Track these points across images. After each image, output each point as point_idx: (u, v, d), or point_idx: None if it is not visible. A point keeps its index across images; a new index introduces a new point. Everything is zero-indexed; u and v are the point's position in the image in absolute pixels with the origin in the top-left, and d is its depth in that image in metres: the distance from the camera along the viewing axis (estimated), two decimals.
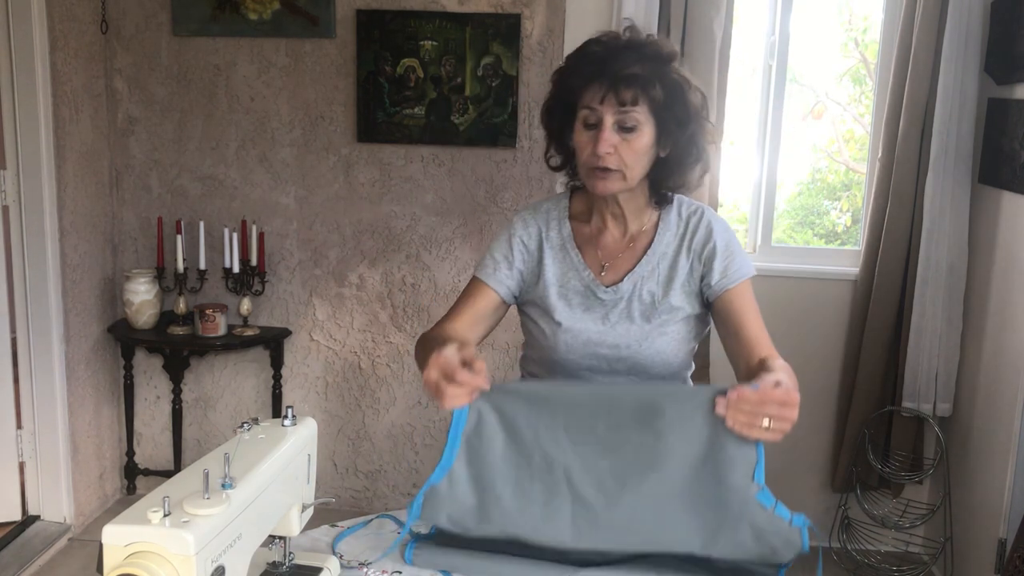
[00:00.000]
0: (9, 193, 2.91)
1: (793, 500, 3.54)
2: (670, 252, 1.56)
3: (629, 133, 1.45)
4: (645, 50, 1.46)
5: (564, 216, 1.62)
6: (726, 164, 3.05)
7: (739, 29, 3.02)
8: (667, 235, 1.57)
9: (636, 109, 1.44)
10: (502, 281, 1.60)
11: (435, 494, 1.32)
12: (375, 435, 3.37)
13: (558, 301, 1.57)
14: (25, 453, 3.08)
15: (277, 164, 3.22)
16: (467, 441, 1.32)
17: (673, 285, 1.55)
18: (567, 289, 1.57)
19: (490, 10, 3.03)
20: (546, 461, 1.30)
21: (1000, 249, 2.73)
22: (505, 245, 1.61)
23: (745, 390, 1.21)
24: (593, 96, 1.44)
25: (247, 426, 1.27)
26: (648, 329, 1.53)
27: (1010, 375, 2.59)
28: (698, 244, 1.56)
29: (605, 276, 1.57)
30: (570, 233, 1.60)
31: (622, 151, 1.45)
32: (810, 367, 3.15)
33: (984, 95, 2.83)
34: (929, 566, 3.03)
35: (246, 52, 3.15)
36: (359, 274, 3.27)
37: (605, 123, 1.44)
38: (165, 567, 0.97)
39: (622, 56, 1.44)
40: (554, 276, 1.58)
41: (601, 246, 1.59)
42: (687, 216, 1.59)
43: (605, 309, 1.55)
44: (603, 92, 1.43)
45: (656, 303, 1.54)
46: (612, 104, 1.43)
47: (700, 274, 1.56)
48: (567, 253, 1.59)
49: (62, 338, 3.02)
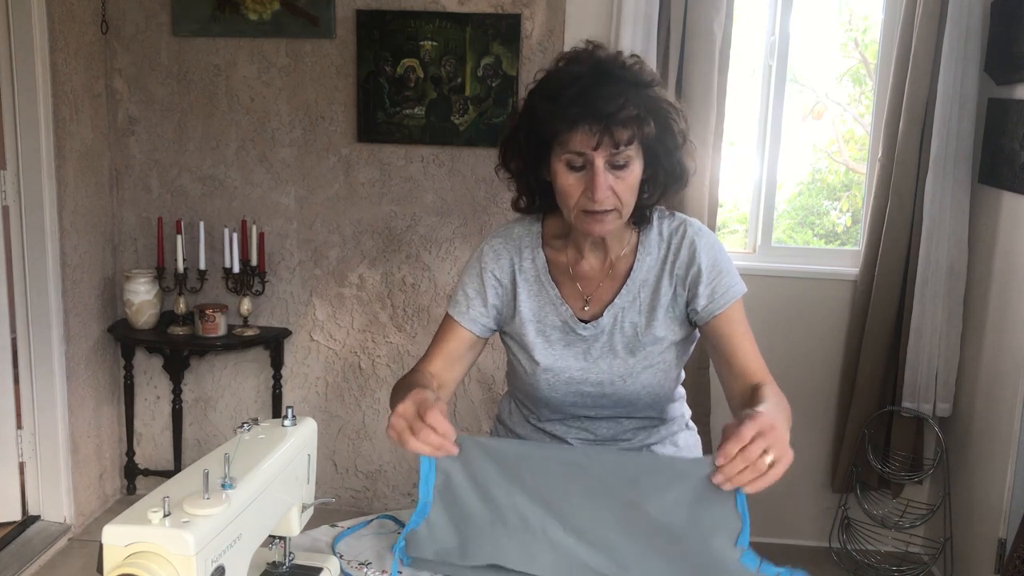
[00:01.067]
0: (9, 193, 2.91)
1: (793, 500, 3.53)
2: (651, 279, 1.46)
3: (621, 170, 1.32)
4: (629, 79, 1.32)
5: (538, 244, 1.50)
6: (726, 164, 3.05)
7: (739, 29, 3.02)
8: (647, 260, 1.46)
9: (630, 147, 1.31)
10: (476, 320, 1.50)
11: (416, 537, 1.32)
12: (375, 435, 3.37)
13: (536, 338, 1.48)
14: (25, 453, 3.08)
15: (277, 164, 3.22)
16: (439, 494, 1.31)
17: (656, 314, 1.45)
18: (545, 325, 1.48)
19: (490, 10, 3.03)
20: (522, 520, 1.27)
21: (1000, 249, 2.73)
22: (477, 280, 1.50)
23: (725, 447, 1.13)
24: (584, 141, 1.29)
25: (247, 426, 1.27)
26: (632, 363, 1.46)
27: (1010, 375, 2.59)
28: (681, 268, 1.44)
29: (587, 310, 1.47)
30: (544, 264, 1.49)
31: (617, 190, 1.33)
32: (810, 367, 3.15)
33: (984, 95, 2.83)
34: (929, 566, 3.03)
35: (246, 52, 3.15)
36: (359, 274, 3.27)
37: (598, 167, 1.30)
38: (165, 567, 0.97)
39: (608, 91, 1.29)
40: (530, 312, 1.49)
41: (579, 275, 1.48)
42: (668, 236, 1.47)
43: (586, 345, 1.47)
44: (597, 137, 1.28)
45: (639, 335, 1.45)
46: (607, 148, 1.30)
47: (685, 300, 1.45)
48: (543, 287, 1.48)
49: (62, 338, 3.02)
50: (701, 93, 2.88)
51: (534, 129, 1.35)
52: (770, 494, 1.26)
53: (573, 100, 1.29)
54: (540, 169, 1.39)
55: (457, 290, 1.53)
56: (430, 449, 1.25)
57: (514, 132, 1.41)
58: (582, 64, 1.34)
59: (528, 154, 1.39)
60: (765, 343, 3.38)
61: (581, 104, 1.29)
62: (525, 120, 1.38)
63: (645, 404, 1.51)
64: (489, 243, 1.52)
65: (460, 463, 1.29)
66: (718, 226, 3.04)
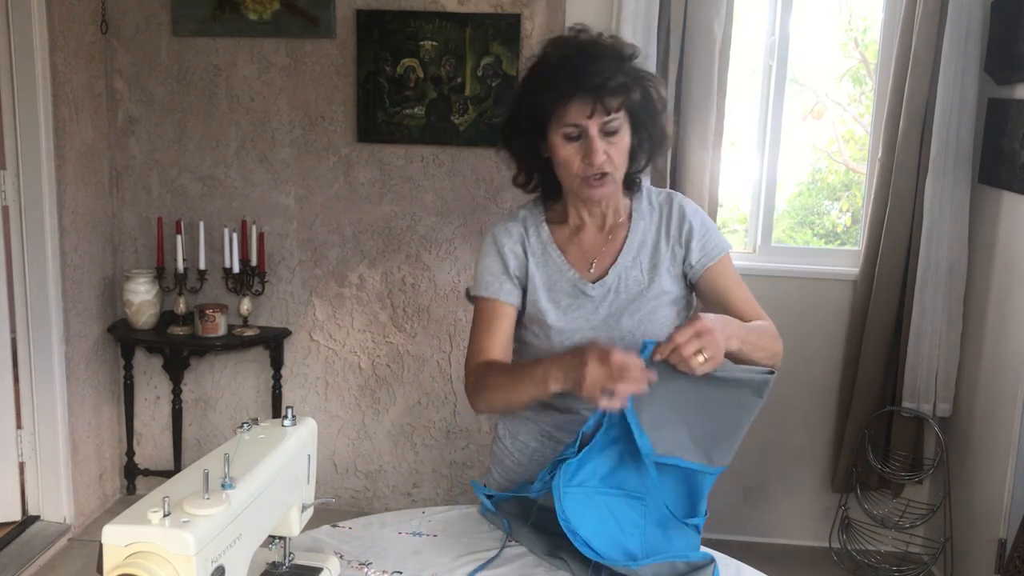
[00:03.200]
0: (9, 193, 2.91)
1: (793, 500, 3.54)
2: (649, 240, 1.59)
3: (613, 136, 1.47)
4: (612, 54, 1.47)
5: (541, 220, 1.62)
6: (726, 164, 3.05)
7: (739, 29, 3.02)
8: (641, 223, 1.60)
9: (619, 114, 1.46)
10: (511, 293, 1.59)
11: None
12: (375, 435, 3.37)
13: (548, 304, 1.57)
14: (25, 453, 3.08)
15: (277, 164, 3.22)
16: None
17: (659, 271, 1.57)
18: (555, 291, 1.58)
19: (490, 10, 3.03)
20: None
21: (1000, 249, 2.73)
22: (497, 260, 1.60)
23: (661, 346, 1.33)
24: (579, 112, 1.44)
25: (247, 426, 1.27)
26: (639, 318, 1.55)
27: (1010, 375, 2.59)
28: (675, 228, 1.59)
29: (592, 272, 1.58)
30: (549, 236, 1.61)
31: (611, 153, 1.47)
32: (810, 367, 3.15)
33: (984, 95, 2.83)
34: (929, 566, 3.03)
35: (246, 52, 3.15)
36: (359, 274, 3.27)
37: (592, 134, 1.45)
38: (165, 567, 0.97)
39: (597, 65, 1.43)
40: (541, 281, 1.59)
41: (581, 243, 1.60)
42: (659, 204, 1.62)
43: (595, 304, 1.56)
44: (590, 107, 1.43)
45: (643, 291, 1.56)
46: (600, 116, 1.44)
47: (682, 257, 1.58)
48: (549, 256, 1.59)
49: (62, 338, 3.02)
50: (701, 93, 2.88)
51: (532, 110, 1.48)
52: (770, 494, 1.26)
53: (565, 79, 1.44)
54: (538, 147, 1.52)
55: (482, 276, 1.61)
56: (638, 385, 1.30)
57: (513, 114, 1.54)
58: (569, 46, 1.48)
59: (527, 133, 1.52)
60: None
61: (573, 81, 1.43)
62: (523, 102, 1.51)
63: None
64: (499, 226, 1.63)
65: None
66: (718, 226, 3.03)
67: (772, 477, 3.18)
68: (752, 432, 1.40)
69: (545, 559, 1.41)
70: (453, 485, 3.36)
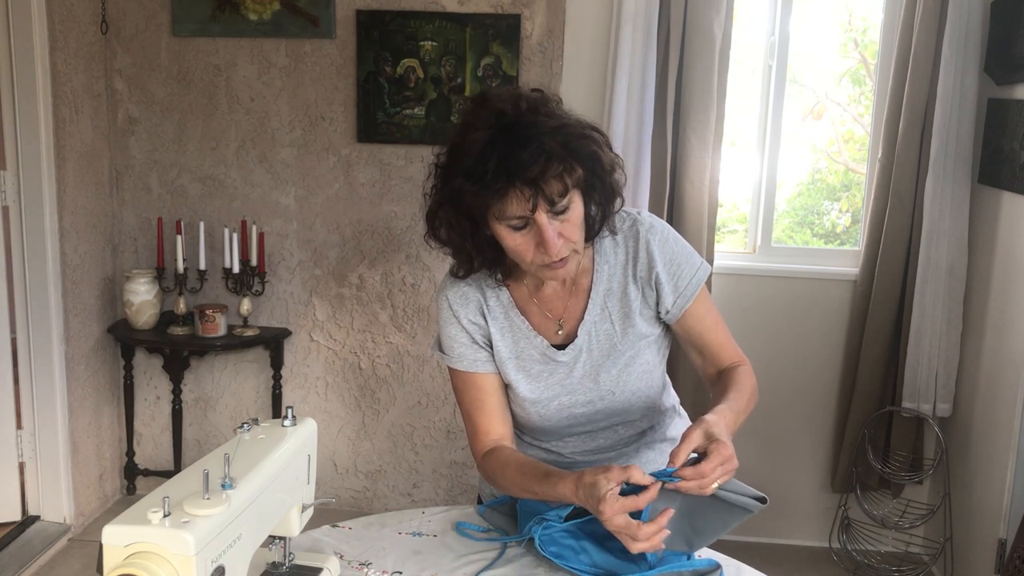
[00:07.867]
0: (9, 193, 2.91)
1: (793, 500, 3.53)
2: (615, 286, 1.45)
3: (564, 214, 1.29)
4: (540, 129, 1.26)
5: (499, 282, 1.46)
6: (726, 164, 3.05)
7: (739, 29, 3.03)
8: (606, 268, 1.45)
9: (565, 196, 1.28)
10: (489, 361, 1.48)
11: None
12: (375, 435, 3.37)
13: (518, 375, 1.47)
14: (25, 453, 3.08)
15: (277, 164, 3.22)
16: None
17: (632, 318, 1.45)
18: (524, 359, 1.47)
19: (490, 10, 3.03)
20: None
21: (1000, 249, 2.73)
22: (461, 331, 1.47)
23: (685, 474, 1.22)
24: (520, 207, 1.26)
25: (247, 426, 1.27)
26: (616, 372, 1.45)
27: (1010, 375, 2.59)
28: (643, 270, 1.44)
29: (560, 334, 1.47)
30: (509, 299, 1.47)
31: (565, 233, 1.30)
32: (810, 367, 3.15)
33: (984, 95, 2.83)
34: (929, 566, 3.03)
35: (246, 52, 3.15)
36: (359, 274, 3.27)
37: (542, 223, 1.27)
38: (165, 567, 0.97)
39: (527, 153, 1.23)
40: (507, 350, 1.47)
41: (544, 301, 1.47)
42: (623, 239, 1.45)
43: (568, 368, 1.46)
44: (532, 202, 1.25)
45: (616, 344, 1.45)
46: (544, 206, 1.26)
47: (654, 300, 1.45)
48: (512, 322, 1.47)
49: (62, 338, 3.02)
50: (701, 93, 2.88)
51: (464, 208, 1.30)
52: (770, 494, 1.27)
53: (496, 173, 1.24)
54: (476, 234, 1.35)
55: (451, 344, 1.49)
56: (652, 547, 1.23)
57: (439, 208, 1.34)
58: (487, 127, 1.27)
59: (460, 226, 1.33)
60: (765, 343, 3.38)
61: (505, 175, 1.24)
62: (450, 200, 1.31)
63: (639, 409, 1.51)
64: (452, 290, 1.48)
65: None
66: (718, 226, 3.04)
67: (772, 477, 3.18)
68: (752, 432, 1.40)
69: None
70: (453, 485, 3.36)
